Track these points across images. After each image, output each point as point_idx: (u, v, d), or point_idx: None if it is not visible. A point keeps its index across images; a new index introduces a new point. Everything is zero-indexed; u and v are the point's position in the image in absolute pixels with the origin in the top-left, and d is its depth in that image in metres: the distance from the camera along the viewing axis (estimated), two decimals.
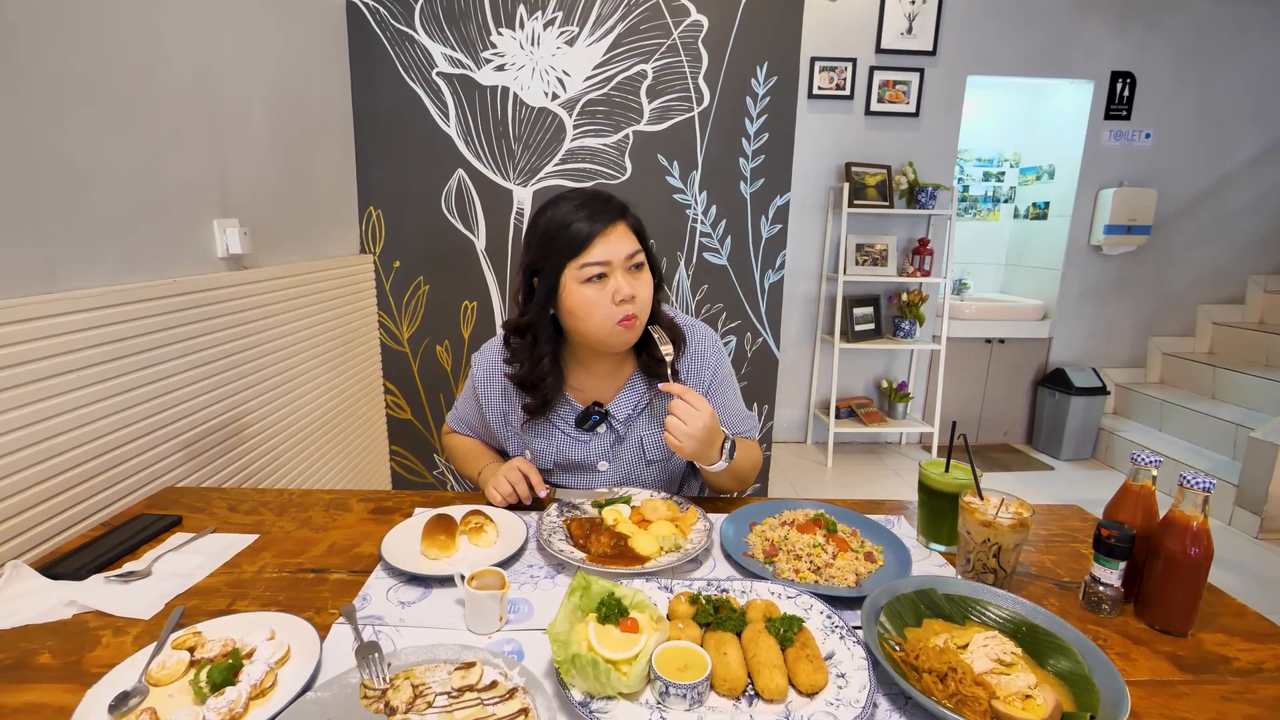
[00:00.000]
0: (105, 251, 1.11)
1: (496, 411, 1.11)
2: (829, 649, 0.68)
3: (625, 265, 0.96)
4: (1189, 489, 0.74)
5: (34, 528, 0.95)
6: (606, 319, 0.95)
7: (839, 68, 3.26)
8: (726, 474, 1.02)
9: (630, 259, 0.96)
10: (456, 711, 0.59)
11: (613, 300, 0.95)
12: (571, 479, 1.11)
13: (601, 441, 1.08)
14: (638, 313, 0.97)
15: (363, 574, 0.85)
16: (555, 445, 1.08)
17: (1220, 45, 3.39)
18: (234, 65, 1.44)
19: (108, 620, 0.75)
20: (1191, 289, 3.71)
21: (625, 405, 1.07)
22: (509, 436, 1.12)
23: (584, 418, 1.05)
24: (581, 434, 1.07)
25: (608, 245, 0.94)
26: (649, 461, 1.09)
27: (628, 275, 0.96)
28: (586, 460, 1.08)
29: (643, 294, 0.97)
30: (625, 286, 0.95)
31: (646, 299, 0.98)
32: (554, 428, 1.08)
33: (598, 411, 1.05)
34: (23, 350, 0.93)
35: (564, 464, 1.09)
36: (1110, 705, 0.59)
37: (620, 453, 1.09)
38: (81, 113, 1.05)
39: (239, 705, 0.59)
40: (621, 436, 1.08)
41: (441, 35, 1.99)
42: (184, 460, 1.26)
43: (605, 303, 0.95)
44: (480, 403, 1.12)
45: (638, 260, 0.98)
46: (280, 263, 1.62)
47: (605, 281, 0.95)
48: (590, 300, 0.95)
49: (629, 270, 0.96)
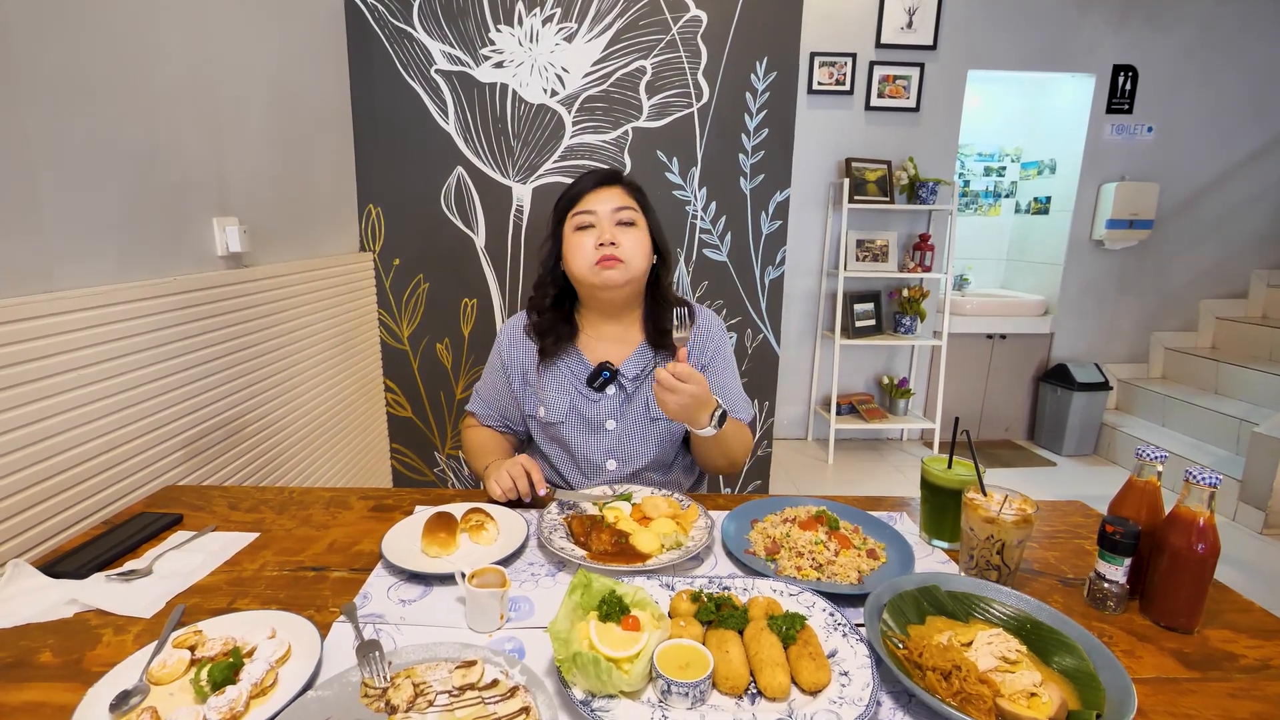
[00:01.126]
0: (104, 250, 1.10)
1: (518, 369, 1.22)
2: (831, 647, 0.68)
3: (612, 218, 1.10)
4: (1195, 484, 0.73)
5: (35, 527, 0.95)
6: (587, 260, 1.09)
7: (839, 63, 3.25)
8: (716, 448, 1.10)
9: (617, 212, 1.10)
10: (457, 710, 0.59)
11: (594, 245, 1.08)
12: (580, 437, 1.18)
13: (611, 401, 1.16)
14: (620, 256, 1.09)
15: (363, 572, 0.85)
16: (569, 400, 1.17)
17: (1223, 38, 3.37)
18: (232, 63, 1.43)
19: (109, 619, 0.75)
20: (1194, 284, 3.70)
21: (634, 366, 1.17)
22: (528, 396, 1.21)
23: (595, 375, 1.14)
24: (592, 392, 1.16)
25: (597, 199, 1.11)
26: (653, 419, 1.17)
27: (614, 228, 1.10)
28: (596, 418, 1.16)
29: (627, 245, 1.09)
30: (608, 234, 1.09)
31: (632, 250, 1.10)
32: (567, 383, 1.17)
33: (608, 369, 1.14)
34: (22, 349, 0.93)
35: (575, 419, 1.17)
36: (1116, 703, 0.59)
37: (628, 412, 1.17)
38: (80, 111, 1.04)
39: (240, 704, 0.59)
40: (629, 395, 1.17)
41: (440, 32, 1.99)
42: (184, 459, 1.26)
43: (589, 246, 1.09)
44: (504, 363, 1.22)
45: (625, 217, 1.11)
46: (279, 261, 1.62)
47: (592, 230, 1.10)
48: (576, 245, 1.11)
49: (617, 225, 1.10)
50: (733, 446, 1.12)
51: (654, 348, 1.18)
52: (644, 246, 1.12)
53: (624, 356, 1.17)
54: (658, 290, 1.18)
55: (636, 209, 1.12)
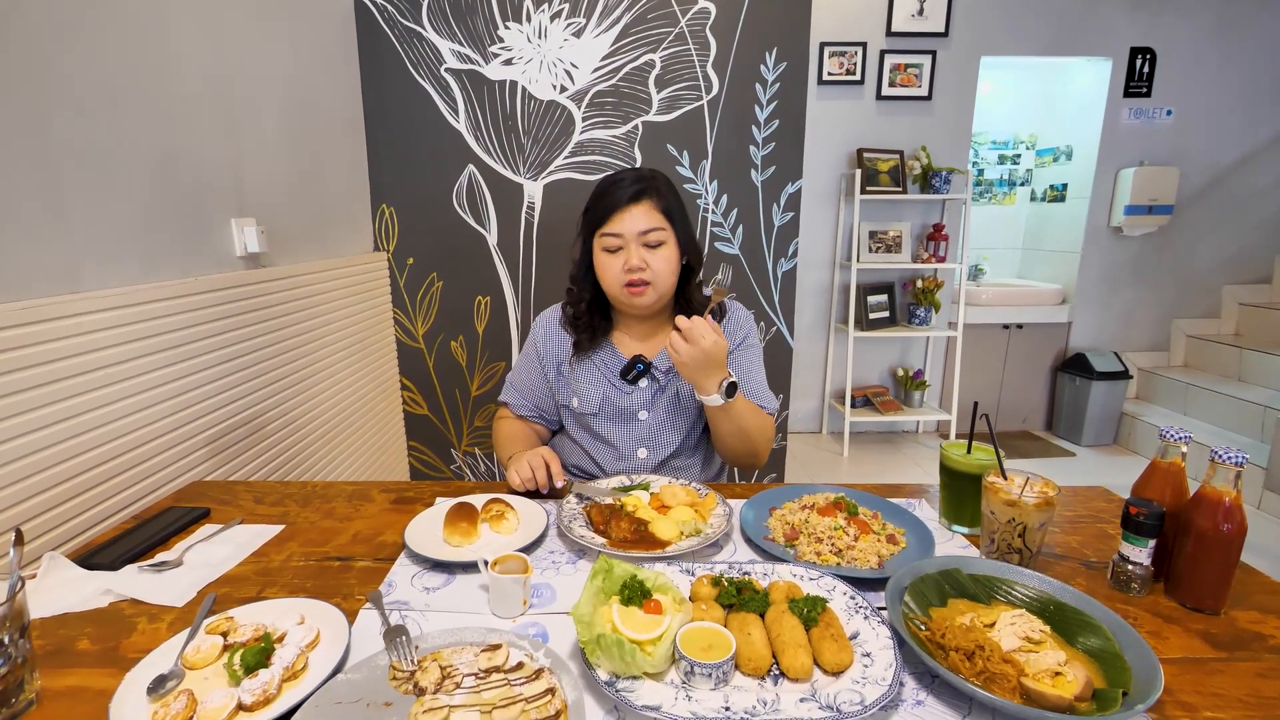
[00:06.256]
0: (127, 252, 1.13)
1: (552, 360, 1.23)
2: (853, 629, 0.68)
3: (639, 240, 1.08)
4: (1221, 463, 0.72)
5: (68, 521, 0.97)
6: (616, 282, 1.10)
7: (849, 53, 3.22)
8: (731, 427, 1.09)
9: (644, 235, 1.08)
10: (484, 692, 0.60)
11: (622, 268, 1.08)
12: (612, 427, 1.19)
13: (643, 393, 1.18)
14: (648, 280, 1.09)
15: (387, 561, 0.87)
16: (601, 391, 1.18)
17: (1243, 18, 3.30)
18: (247, 68, 1.46)
19: (142, 608, 0.77)
20: (1216, 270, 3.63)
21: (666, 359, 1.17)
22: (561, 387, 1.23)
23: (628, 369, 1.14)
24: (625, 385, 1.17)
25: (623, 221, 1.08)
26: (684, 408, 1.18)
27: (641, 250, 1.08)
28: (629, 408, 1.18)
29: (656, 267, 1.09)
30: (635, 259, 1.08)
31: (660, 272, 1.09)
32: (601, 376, 1.19)
33: (642, 362, 1.13)
34: (51, 349, 0.95)
35: (608, 410, 1.18)
36: (1143, 682, 0.58)
37: (659, 402, 1.18)
38: (103, 118, 1.07)
39: (272, 687, 0.60)
40: (663, 387, 1.18)
41: (449, 31, 2.00)
42: (209, 455, 1.28)
43: (617, 269, 1.09)
44: (539, 355, 1.24)
45: (654, 239, 1.09)
46: (296, 261, 1.64)
47: (621, 253, 1.09)
48: (605, 265, 1.11)
49: (644, 246, 1.09)
50: (750, 430, 1.11)
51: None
52: (673, 263, 1.12)
53: (656, 350, 1.19)
54: (687, 289, 1.19)
55: (665, 226, 1.10)
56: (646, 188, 1.10)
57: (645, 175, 1.12)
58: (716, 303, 1.11)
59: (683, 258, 1.14)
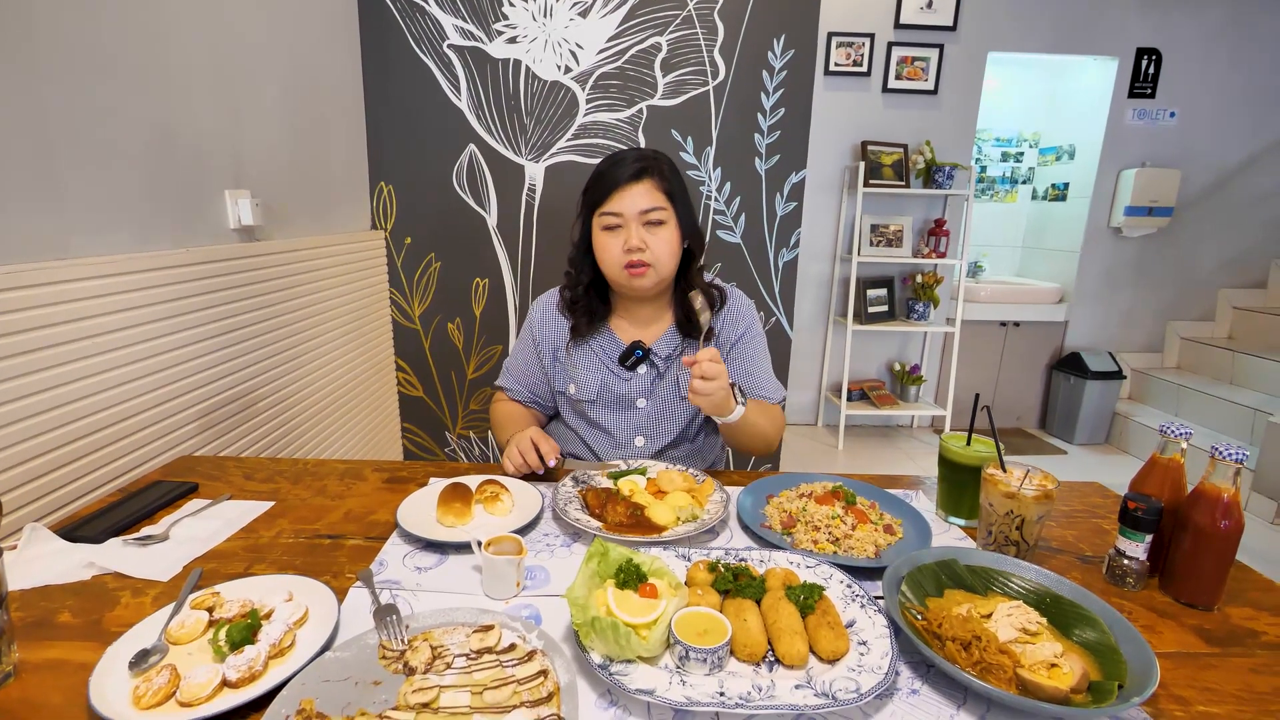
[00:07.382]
0: (121, 221, 1.10)
1: (549, 346, 1.20)
2: (849, 617, 0.67)
3: (639, 219, 1.05)
4: (1220, 460, 0.72)
5: (52, 492, 0.96)
6: (615, 263, 1.07)
7: (856, 43, 3.19)
8: (746, 429, 1.06)
9: (645, 214, 1.05)
10: (475, 673, 0.59)
11: (622, 249, 1.05)
12: (610, 415, 1.18)
13: (642, 380, 1.16)
14: (649, 262, 1.06)
15: (379, 540, 0.85)
16: (600, 378, 1.16)
17: (1250, 21, 3.28)
18: (246, 37, 1.42)
19: (126, 582, 0.76)
20: (1213, 273, 3.63)
21: (666, 346, 1.16)
22: (558, 373, 1.20)
23: (627, 354, 1.13)
24: (624, 371, 1.15)
25: (623, 199, 1.05)
26: (683, 396, 1.15)
27: (642, 229, 1.06)
28: (627, 395, 1.16)
29: (656, 248, 1.06)
30: (635, 238, 1.05)
31: (660, 253, 1.07)
32: (599, 362, 1.17)
33: (641, 347, 1.12)
34: (37, 315, 0.93)
35: (606, 397, 1.17)
36: (1138, 675, 0.58)
37: (659, 389, 1.17)
38: (98, 86, 1.04)
39: (259, 663, 0.59)
40: (662, 374, 1.17)
41: (453, 6, 1.96)
42: (199, 430, 1.26)
43: (616, 249, 1.06)
44: (535, 339, 1.21)
45: (655, 217, 1.06)
46: (291, 236, 1.62)
47: (620, 232, 1.06)
48: (604, 245, 1.08)
49: (644, 225, 1.06)
50: (764, 425, 1.09)
51: (683, 334, 1.16)
52: (674, 245, 1.08)
53: (655, 337, 1.17)
54: (688, 275, 1.15)
55: (666, 206, 1.06)
56: (648, 166, 1.07)
57: (648, 155, 1.09)
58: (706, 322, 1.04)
59: (684, 241, 1.12)
